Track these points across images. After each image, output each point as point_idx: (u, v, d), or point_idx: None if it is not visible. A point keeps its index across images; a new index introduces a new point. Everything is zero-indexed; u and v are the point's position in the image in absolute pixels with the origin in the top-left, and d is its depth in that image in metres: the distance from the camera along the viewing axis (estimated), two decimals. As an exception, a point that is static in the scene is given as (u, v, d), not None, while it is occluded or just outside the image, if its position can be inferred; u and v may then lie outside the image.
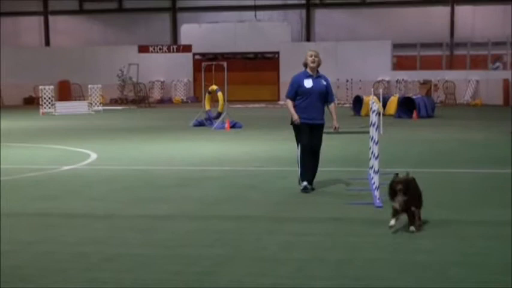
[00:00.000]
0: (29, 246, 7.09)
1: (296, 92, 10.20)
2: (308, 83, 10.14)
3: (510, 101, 32.16)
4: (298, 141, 10.28)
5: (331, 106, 10.47)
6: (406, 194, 7.33)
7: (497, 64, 36.33)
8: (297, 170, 10.33)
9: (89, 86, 33.44)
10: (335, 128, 10.42)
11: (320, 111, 10.23)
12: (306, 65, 10.26)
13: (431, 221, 8.04)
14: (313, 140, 10.18)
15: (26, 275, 6.04)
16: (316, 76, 10.23)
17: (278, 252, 6.80)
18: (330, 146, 16.53)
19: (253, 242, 7.22)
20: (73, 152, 15.59)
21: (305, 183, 10.15)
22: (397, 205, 7.37)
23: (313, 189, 10.24)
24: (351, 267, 6.20)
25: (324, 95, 10.25)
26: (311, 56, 10.19)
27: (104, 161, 14.00)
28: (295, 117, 10.13)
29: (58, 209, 9.11)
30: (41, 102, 31.21)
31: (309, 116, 10.13)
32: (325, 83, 10.27)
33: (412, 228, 7.42)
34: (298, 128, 10.22)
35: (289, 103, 10.28)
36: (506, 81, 33.42)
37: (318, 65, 10.24)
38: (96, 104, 32.77)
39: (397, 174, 7.67)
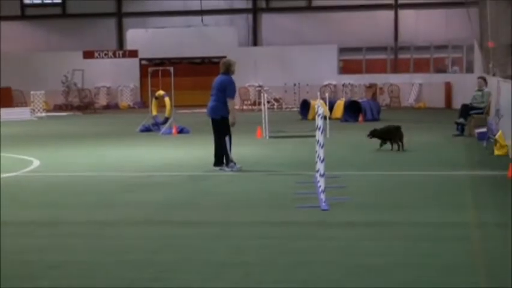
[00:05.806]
0: (-31, 256, 6.89)
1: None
2: None
3: (452, 104, 32.76)
4: (229, 134, 12.45)
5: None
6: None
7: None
8: (229, 155, 12.39)
9: (31, 92, 32.88)
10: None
11: None
12: (232, 71, 13.26)
13: (378, 223, 8.13)
14: None
15: (-34, 286, 5.87)
16: None
17: (226, 256, 6.77)
18: (278, 149, 16.62)
19: (201, 246, 7.18)
20: (15, 159, 15.23)
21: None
22: None
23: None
24: (299, 271, 6.21)
25: None
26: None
27: (47, 168, 13.72)
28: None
29: None
30: (-19, 109, 30.47)
31: None
32: None
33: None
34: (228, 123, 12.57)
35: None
36: (448, 84, 34.09)
37: None
38: (39, 110, 32.20)
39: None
